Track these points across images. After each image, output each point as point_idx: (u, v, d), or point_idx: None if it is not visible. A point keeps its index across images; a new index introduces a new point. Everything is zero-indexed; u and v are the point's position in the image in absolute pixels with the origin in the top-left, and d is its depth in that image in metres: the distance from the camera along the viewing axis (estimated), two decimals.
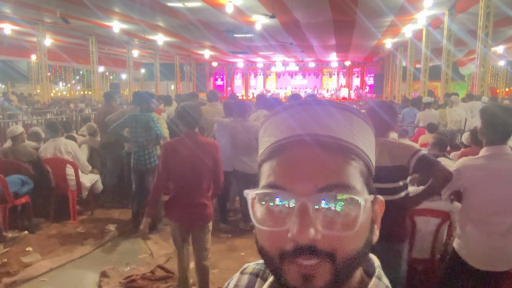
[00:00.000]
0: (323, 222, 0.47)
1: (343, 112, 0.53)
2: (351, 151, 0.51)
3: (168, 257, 3.96)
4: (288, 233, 0.46)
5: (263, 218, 0.50)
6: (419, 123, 7.32)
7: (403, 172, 2.25)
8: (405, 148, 2.29)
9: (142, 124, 4.45)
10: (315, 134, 0.50)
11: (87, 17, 12.80)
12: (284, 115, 0.54)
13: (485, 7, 9.13)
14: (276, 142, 0.52)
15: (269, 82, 28.24)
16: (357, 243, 0.49)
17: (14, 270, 3.58)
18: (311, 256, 0.46)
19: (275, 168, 0.51)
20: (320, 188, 0.47)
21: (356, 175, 0.50)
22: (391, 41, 17.35)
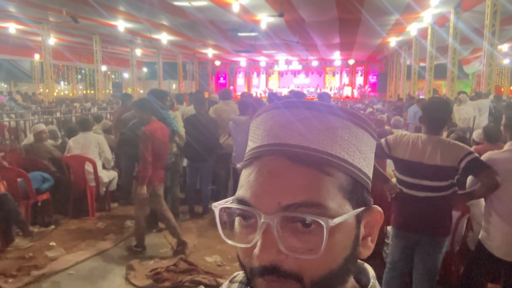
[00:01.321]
0: (288, 243, 0.43)
1: (325, 117, 0.47)
2: (327, 163, 0.45)
3: (189, 251, 4.03)
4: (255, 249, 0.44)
5: (235, 230, 0.48)
6: None
7: (452, 172, 2.28)
8: (457, 149, 2.28)
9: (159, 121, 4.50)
10: (284, 144, 0.46)
11: (92, 16, 12.86)
12: (264, 118, 0.50)
13: (492, 5, 9.19)
14: (251, 150, 0.49)
15: (271, 81, 28.28)
16: (330, 263, 0.45)
17: (41, 263, 3.66)
18: (276, 277, 0.43)
19: (245, 180, 0.47)
20: (284, 207, 0.43)
21: (331, 191, 0.45)
22: (396, 40, 17.40)
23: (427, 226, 2.36)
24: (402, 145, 2.40)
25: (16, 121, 7.53)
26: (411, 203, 2.39)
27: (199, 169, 5.11)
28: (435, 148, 2.29)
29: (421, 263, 2.45)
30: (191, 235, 4.51)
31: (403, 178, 2.43)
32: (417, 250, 2.46)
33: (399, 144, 2.41)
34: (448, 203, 2.37)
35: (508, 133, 2.41)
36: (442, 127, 2.41)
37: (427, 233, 2.37)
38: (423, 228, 2.36)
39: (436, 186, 2.31)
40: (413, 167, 2.34)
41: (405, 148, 2.38)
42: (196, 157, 4.96)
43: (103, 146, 5.16)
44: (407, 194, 2.40)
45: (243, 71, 28.34)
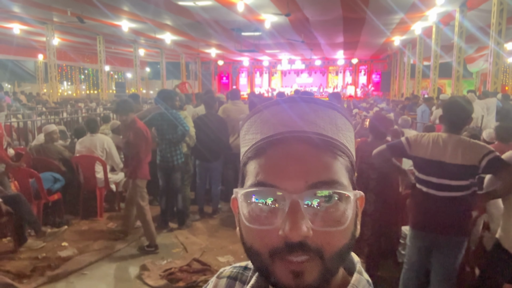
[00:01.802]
0: (314, 219, 0.47)
1: (328, 110, 0.53)
2: (338, 148, 0.51)
3: (202, 251, 4.04)
4: (279, 231, 0.46)
5: (253, 216, 0.48)
6: (436, 120, 7.37)
7: (473, 171, 2.27)
8: (478, 147, 2.29)
9: (169, 121, 4.47)
10: (303, 131, 0.50)
11: (96, 16, 12.87)
12: (270, 112, 0.53)
13: (498, 3, 9.15)
14: (262, 140, 0.51)
15: (274, 80, 28.26)
16: (345, 237, 0.49)
17: (55, 264, 3.67)
18: (302, 253, 0.46)
19: (263, 166, 0.49)
20: (310, 185, 0.47)
21: (343, 171, 0.50)
22: (400, 39, 17.36)
23: (447, 226, 2.35)
24: (423, 144, 2.39)
25: (24, 121, 7.55)
26: (430, 202, 2.38)
27: (209, 169, 5.11)
28: (456, 147, 2.29)
29: (440, 264, 2.44)
30: (202, 236, 4.52)
31: (423, 177, 2.42)
32: (435, 251, 2.45)
33: (420, 143, 2.41)
34: (468, 203, 2.37)
35: None
36: (463, 127, 2.41)
37: (446, 233, 2.36)
38: (443, 228, 2.36)
39: (457, 186, 2.31)
40: (433, 166, 2.33)
41: (426, 147, 2.37)
42: (207, 157, 4.96)
43: (111, 151, 5.13)
44: (427, 193, 2.39)
45: (246, 70, 28.34)
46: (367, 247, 3.26)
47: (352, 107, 11.27)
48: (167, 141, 4.54)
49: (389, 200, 3.18)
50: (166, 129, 4.52)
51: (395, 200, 3.22)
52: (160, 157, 4.62)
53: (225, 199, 5.63)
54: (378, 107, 11.59)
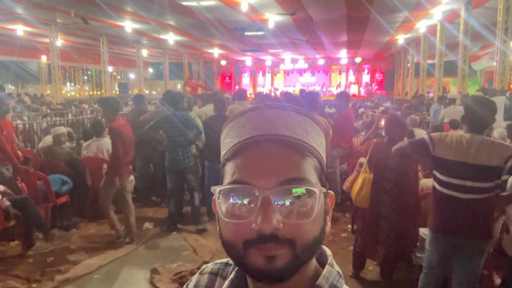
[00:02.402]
0: (284, 212, 0.51)
1: (299, 116, 0.58)
2: (306, 149, 0.56)
3: (212, 254, 3.99)
4: (252, 224, 0.50)
5: (229, 212, 0.53)
6: (444, 119, 7.30)
7: (498, 171, 2.22)
8: (504, 148, 2.24)
9: (181, 123, 4.43)
10: (275, 134, 0.55)
11: (100, 17, 12.85)
12: (246, 118, 0.58)
13: (505, 1, 9.06)
14: (239, 143, 0.56)
15: (277, 80, 28.20)
16: (314, 230, 0.54)
17: (64, 267, 3.62)
18: (274, 244, 0.50)
19: (239, 166, 0.54)
20: (281, 182, 0.52)
21: (311, 170, 0.55)
22: (404, 37, 17.27)
23: (469, 229, 2.28)
24: (445, 144, 2.32)
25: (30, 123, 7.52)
26: (453, 205, 2.32)
27: (219, 171, 5.05)
28: (480, 147, 2.22)
29: (462, 268, 2.38)
30: (211, 238, 4.47)
31: (445, 179, 2.35)
32: (457, 254, 2.39)
33: (443, 143, 2.33)
34: (491, 205, 2.30)
35: None
36: (486, 127, 2.34)
37: (469, 237, 2.30)
38: (465, 231, 2.29)
39: (480, 188, 2.24)
40: (457, 168, 2.27)
41: (449, 147, 2.30)
42: (216, 158, 4.89)
43: None
44: (449, 195, 2.33)
45: (249, 70, 28.28)
46: (383, 250, 3.20)
47: (358, 107, 11.20)
48: (179, 143, 4.49)
49: (405, 202, 3.11)
50: (177, 131, 4.47)
51: (412, 202, 3.15)
52: (170, 159, 4.56)
53: None
54: (384, 106, 11.52)
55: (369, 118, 7.93)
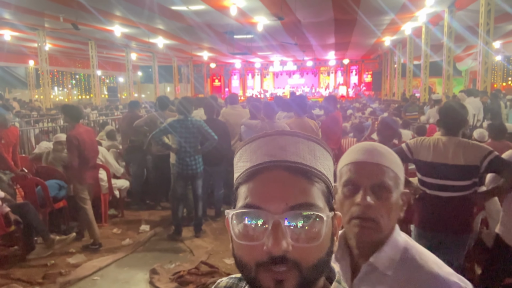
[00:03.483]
0: (293, 236, 0.54)
1: (308, 142, 0.61)
2: (315, 175, 0.59)
3: (208, 254, 4.13)
4: (263, 246, 0.54)
5: (242, 234, 0.56)
6: (429, 120, 7.55)
7: (475, 171, 2.39)
8: (479, 148, 2.41)
9: (193, 129, 4.47)
10: (285, 160, 0.58)
11: (89, 22, 12.86)
12: (258, 144, 0.61)
13: (486, 4, 9.38)
14: (251, 167, 0.59)
15: (266, 82, 28.41)
16: (321, 252, 0.57)
17: (65, 270, 3.73)
18: (283, 265, 0.53)
19: (251, 190, 0.57)
20: (290, 207, 0.55)
21: (319, 195, 0.58)
22: (390, 39, 17.62)
23: (451, 225, 2.46)
24: (424, 148, 2.51)
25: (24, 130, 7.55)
26: (435, 203, 2.49)
27: (212, 174, 5.20)
28: (457, 148, 2.41)
29: (446, 261, 2.55)
30: (207, 239, 4.60)
31: (426, 179, 2.53)
32: (441, 249, 2.55)
33: (421, 147, 2.52)
34: (471, 202, 2.49)
35: None
36: (460, 129, 2.53)
37: (451, 232, 2.47)
38: (447, 227, 2.47)
39: (459, 186, 2.42)
40: (437, 168, 2.45)
41: (428, 150, 2.49)
42: (210, 162, 5.04)
43: (107, 159, 5.20)
44: (431, 195, 2.50)
45: (238, 72, 28.45)
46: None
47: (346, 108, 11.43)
48: (189, 150, 4.50)
49: None
50: (190, 137, 4.49)
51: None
52: (182, 165, 4.53)
53: (228, 202, 5.72)
54: (371, 107, 11.78)
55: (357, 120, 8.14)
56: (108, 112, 14.28)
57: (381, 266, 0.95)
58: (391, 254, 0.96)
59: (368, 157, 0.98)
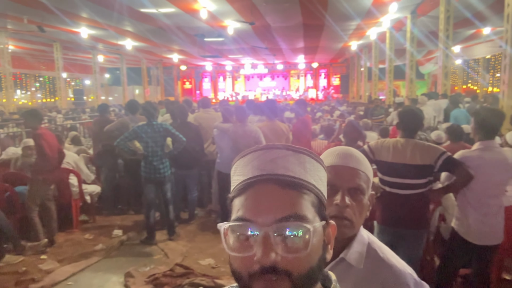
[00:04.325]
0: (282, 247, 0.56)
1: (298, 155, 0.63)
2: (304, 187, 0.61)
3: (183, 256, 4.19)
4: (254, 257, 0.56)
5: (235, 246, 0.59)
6: (392, 122, 7.89)
7: (430, 170, 2.61)
8: (433, 149, 2.63)
9: (159, 133, 4.48)
10: (274, 174, 0.61)
11: (54, 23, 12.52)
12: (250, 158, 0.64)
13: (445, 11, 9.90)
14: (243, 181, 0.62)
15: (237, 84, 28.52)
16: (311, 261, 0.59)
17: (37, 277, 3.69)
18: (273, 274, 0.56)
19: (243, 203, 0.60)
20: (278, 219, 0.57)
21: (308, 206, 0.60)
22: (357, 43, 18.18)
23: (410, 221, 2.67)
24: (384, 149, 2.71)
25: None
26: (394, 200, 2.70)
27: (185, 177, 5.25)
28: (414, 149, 2.62)
29: (405, 255, 2.73)
30: (181, 241, 4.66)
31: (386, 178, 2.73)
32: (401, 243, 2.76)
33: (382, 148, 2.73)
34: (427, 198, 2.71)
35: (477, 135, 2.78)
36: (417, 131, 2.77)
37: (410, 227, 2.68)
38: (407, 223, 2.67)
39: (417, 184, 2.64)
40: (396, 168, 2.65)
41: (387, 151, 2.69)
42: (183, 165, 5.09)
43: (78, 165, 5.17)
44: (391, 192, 2.71)
45: (209, 75, 28.39)
46: None
47: (315, 111, 11.73)
48: (157, 153, 4.50)
49: None
50: (158, 141, 4.50)
51: None
52: (149, 169, 4.51)
53: (201, 205, 5.79)
54: (339, 110, 12.14)
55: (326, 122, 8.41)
56: (75, 115, 13.95)
57: (353, 260, 1.04)
58: (359, 249, 1.06)
59: (347, 161, 1.09)
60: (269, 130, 4.89)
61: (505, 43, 7.21)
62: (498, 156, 2.64)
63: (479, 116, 2.72)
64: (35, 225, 4.38)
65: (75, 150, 6.04)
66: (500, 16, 8.98)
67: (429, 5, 11.10)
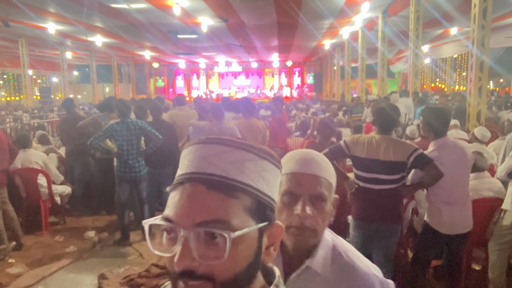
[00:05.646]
0: (200, 252, 0.54)
1: (237, 151, 0.58)
2: (235, 189, 0.56)
3: (159, 256, 4.10)
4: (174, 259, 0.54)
5: (157, 243, 0.58)
6: (365, 119, 8.05)
7: (403, 166, 2.67)
8: (406, 146, 2.69)
9: (134, 131, 4.39)
10: (204, 172, 0.57)
11: (18, 18, 12.02)
12: (189, 150, 0.60)
13: (415, 11, 10.18)
14: (178, 176, 0.60)
15: (211, 82, 28.35)
16: (235, 267, 0.55)
17: (5, 281, 3.52)
18: (191, 279, 0.54)
19: (171, 201, 0.58)
20: (197, 223, 0.54)
21: (236, 211, 0.56)
22: (330, 42, 18.43)
23: (384, 215, 2.72)
24: (359, 144, 2.75)
25: None
26: (369, 195, 2.74)
27: (160, 175, 5.15)
28: (388, 146, 2.67)
29: (381, 248, 2.81)
30: None
31: (361, 173, 2.77)
32: (376, 237, 2.82)
33: (357, 144, 2.76)
34: (400, 194, 2.77)
35: (429, 135, 2.88)
36: (392, 128, 2.82)
37: (384, 221, 2.73)
38: (381, 217, 2.73)
39: (390, 179, 2.69)
40: (370, 164, 2.70)
41: (362, 147, 2.73)
42: (157, 164, 4.99)
43: (47, 165, 4.95)
44: (365, 187, 2.75)
45: (183, 73, 28.07)
46: None
47: (291, 109, 11.81)
48: (131, 152, 4.40)
49: None
50: (133, 140, 4.40)
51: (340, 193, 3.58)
52: (124, 168, 4.41)
53: None
54: (314, 107, 12.27)
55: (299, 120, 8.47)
56: (43, 114, 13.44)
57: (318, 268, 1.00)
58: (324, 255, 1.02)
59: (307, 168, 1.01)
60: (245, 128, 4.86)
61: (471, 43, 7.50)
62: (455, 151, 2.77)
63: (427, 117, 2.82)
64: None
65: (44, 149, 5.81)
66: (466, 16, 9.33)
67: (400, 5, 11.39)
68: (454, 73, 22.99)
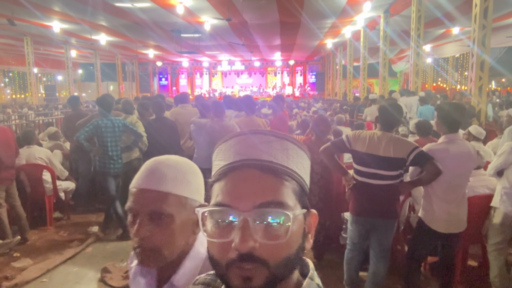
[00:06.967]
0: (260, 233, 0.55)
1: (281, 141, 0.62)
2: (285, 173, 0.59)
3: None
4: (232, 243, 0.54)
5: (212, 231, 0.57)
6: (366, 118, 8.10)
7: (402, 163, 2.73)
8: (406, 144, 2.76)
9: (116, 129, 4.55)
10: (256, 159, 0.59)
11: (24, 17, 12.14)
12: (232, 142, 0.62)
13: (417, 10, 10.21)
14: (224, 166, 0.61)
15: (214, 81, 28.44)
16: (289, 250, 0.57)
17: (11, 274, 3.62)
18: (250, 262, 0.54)
19: (222, 189, 0.59)
20: (258, 205, 0.55)
21: (289, 193, 0.58)
22: (332, 41, 18.45)
23: (381, 211, 2.79)
24: (361, 139, 2.83)
25: None
26: (367, 190, 2.82)
27: None
28: (389, 143, 2.74)
29: (378, 243, 2.89)
30: None
31: (360, 168, 2.85)
32: (373, 232, 2.89)
33: (358, 139, 2.84)
34: (397, 190, 2.84)
35: (441, 129, 2.93)
36: (394, 126, 2.90)
37: (381, 217, 2.81)
38: (378, 212, 2.80)
39: (388, 175, 2.76)
40: (370, 159, 2.77)
41: (364, 142, 2.81)
42: None
43: (51, 161, 5.05)
44: (363, 182, 2.83)
45: (186, 71, 28.18)
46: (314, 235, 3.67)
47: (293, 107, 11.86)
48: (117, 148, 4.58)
49: (331, 191, 3.61)
50: (119, 136, 4.58)
51: (337, 190, 3.66)
52: (107, 163, 4.55)
53: None
54: (315, 106, 12.34)
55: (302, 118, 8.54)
56: (48, 112, 13.58)
57: (180, 284, 0.91)
58: (192, 269, 0.92)
59: (147, 183, 0.91)
60: (246, 126, 4.93)
61: (473, 42, 7.53)
62: (461, 149, 2.79)
63: (442, 111, 2.86)
64: (1, 223, 4.26)
65: (50, 145, 5.92)
66: (468, 16, 9.34)
67: (402, 5, 11.41)
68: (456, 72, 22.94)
